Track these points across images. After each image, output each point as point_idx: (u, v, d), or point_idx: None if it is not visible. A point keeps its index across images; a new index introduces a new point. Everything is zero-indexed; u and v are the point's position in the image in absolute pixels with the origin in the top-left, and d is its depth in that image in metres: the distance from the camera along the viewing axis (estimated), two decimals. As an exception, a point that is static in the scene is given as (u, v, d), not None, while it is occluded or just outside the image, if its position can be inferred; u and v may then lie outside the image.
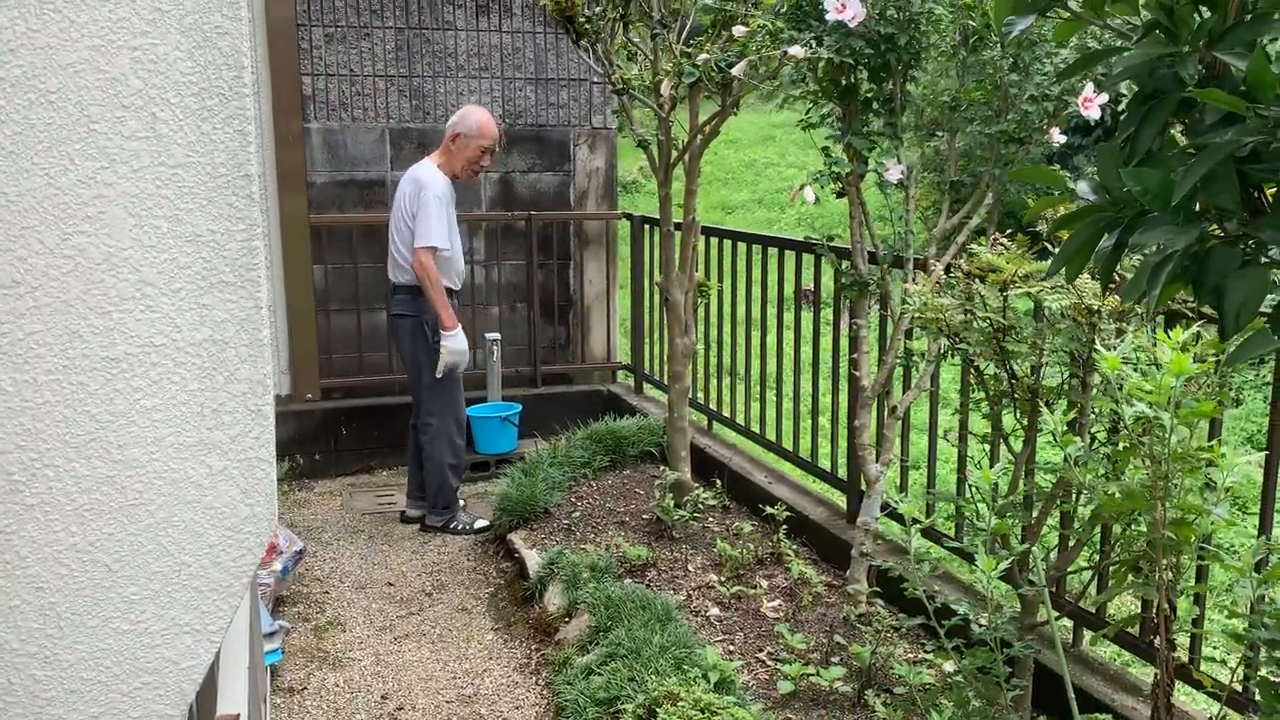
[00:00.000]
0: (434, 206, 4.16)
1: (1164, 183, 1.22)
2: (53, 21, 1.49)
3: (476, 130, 4.27)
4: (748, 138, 14.72)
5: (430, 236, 4.16)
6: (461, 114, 4.34)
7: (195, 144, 1.58)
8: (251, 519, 1.74)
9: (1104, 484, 1.95)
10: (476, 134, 4.27)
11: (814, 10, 3.04)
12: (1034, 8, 1.41)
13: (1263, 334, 1.16)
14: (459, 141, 4.28)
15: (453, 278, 4.36)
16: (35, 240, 1.54)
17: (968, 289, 2.46)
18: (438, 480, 4.40)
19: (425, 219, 4.16)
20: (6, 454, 1.58)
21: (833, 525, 3.74)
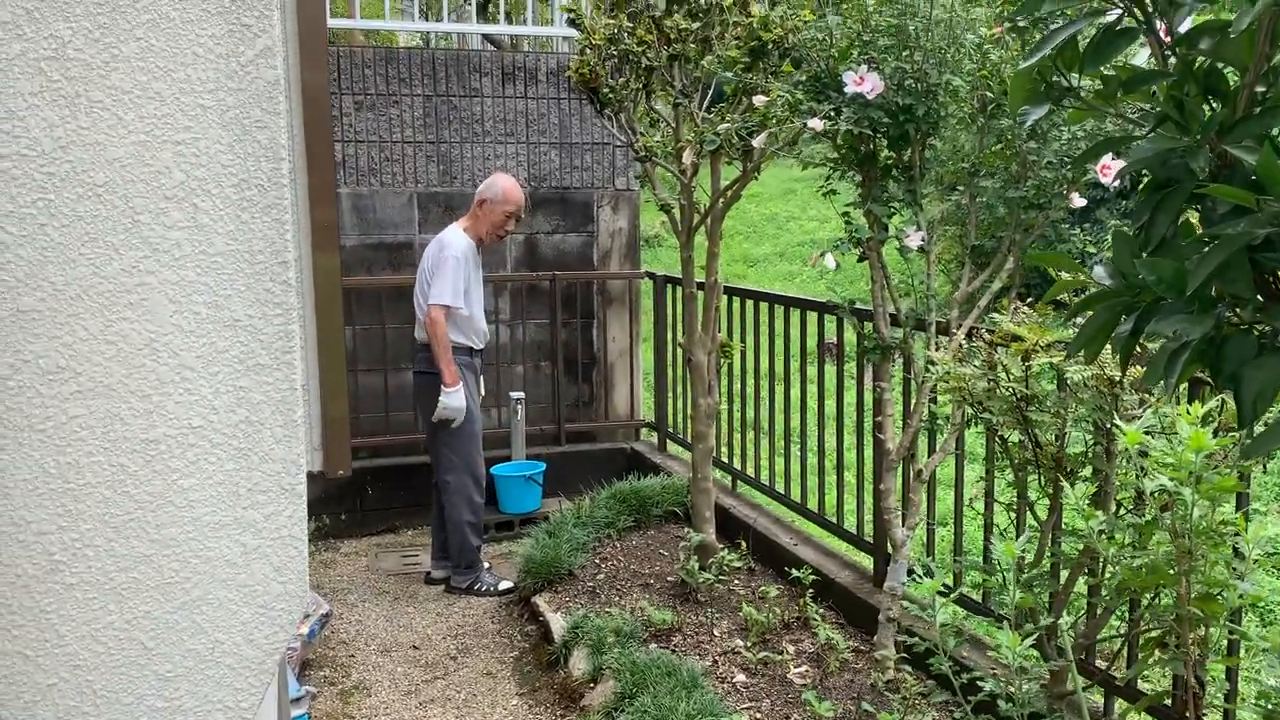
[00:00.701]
0: (450, 266, 4.28)
1: (1178, 272, 1.24)
2: (102, 119, 1.56)
3: (501, 196, 4.40)
4: (769, 191, 14.83)
5: (443, 295, 4.27)
6: (489, 181, 4.48)
7: (235, 233, 1.64)
8: (284, 596, 1.77)
9: (1129, 557, 1.94)
10: (501, 200, 4.40)
11: (833, 82, 3.10)
12: (1048, 98, 1.45)
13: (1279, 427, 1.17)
14: (485, 207, 4.41)
15: (472, 337, 4.45)
16: (80, 327, 1.59)
17: (990, 358, 2.47)
18: (459, 540, 4.43)
19: (441, 278, 4.28)
20: (48, 534, 1.63)
21: (859, 589, 3.72)
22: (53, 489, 1.58)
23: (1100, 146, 1.50)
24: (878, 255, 3.32)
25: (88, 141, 1.53)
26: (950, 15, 3.04)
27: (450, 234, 4.43)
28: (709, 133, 3.63)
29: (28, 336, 1.51)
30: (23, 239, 1.50)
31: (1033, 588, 2.36)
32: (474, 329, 4.45)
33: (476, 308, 4.45)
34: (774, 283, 11.86)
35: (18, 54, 1.45)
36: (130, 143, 1.55)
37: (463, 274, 4.33)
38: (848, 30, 3.13)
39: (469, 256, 4.39)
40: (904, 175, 3.24)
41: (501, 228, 4.46)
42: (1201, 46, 1.30)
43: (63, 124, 1.52)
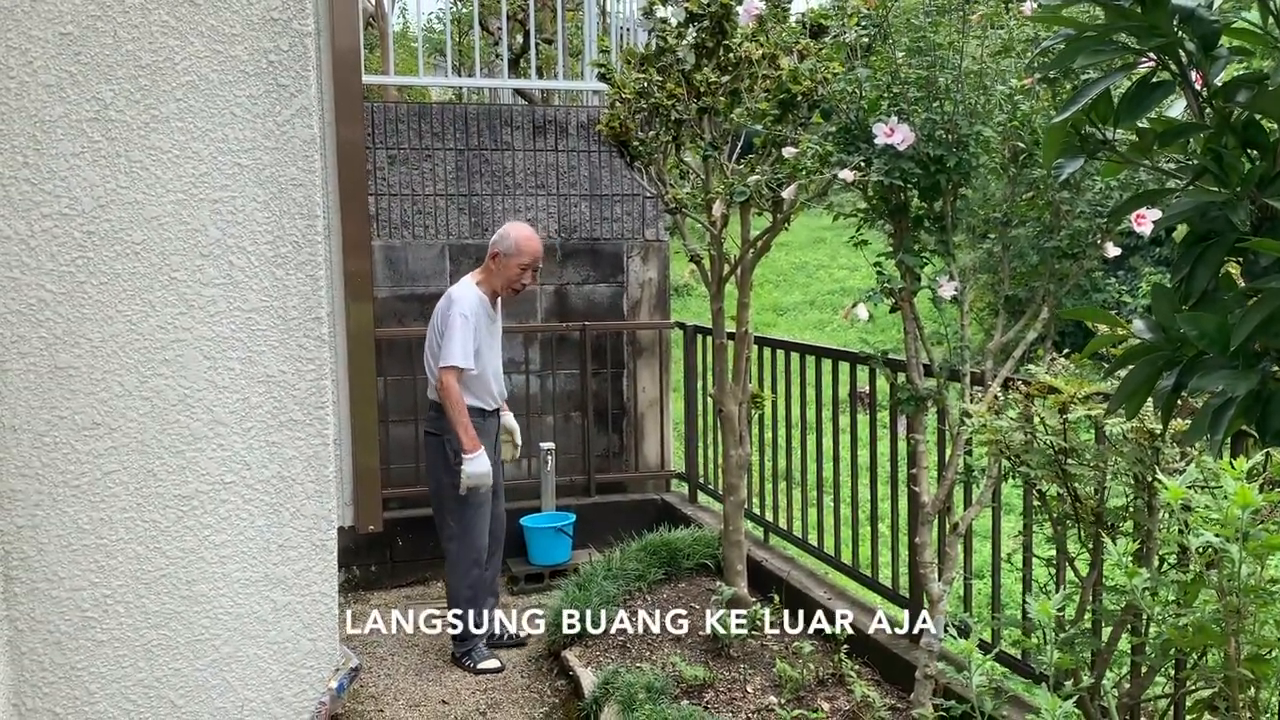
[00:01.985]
0: (459, 325, 4.04)
1: (1221, 327, 1.22)
2: (140, 179, 1.58)
3: (515, 249, 4.15)
4: (798, 240, 14.86)
5: (452, 356, 4.03)
6: (501, 232, 4.22)
7: (269, 289, 1.66)
8: (314, 654, 1.76)
9: (1174, 615, 1.89)
10: (515, 252, 4.15)
11: (863, 133, 3.11)
12: (1083, 151, 1.44)
13: (1331, 485, 1.14)
14: (498, 261, 4.17)
15: (484, 398, 4.21)
16: (116, 383, 1.61)
17: (1026, 409, 2.44)
18: (455, 609, 4.21)
19: (449, 338, 4.04)
20: (80, 590, 1.63)
21: (895, 644, 3.65)
22: (86, 544, 1.58)
23: (1135, 200, 1.49)
24: (910, 305, 3.30)
25: (127, 200, 1.56)
26: (980, 66, 3.04)
27: (461, 288, 4.17)
28: (739, 184, 3.64)
29: (65, 393, 1.53)
30: (62, 296, 1.52)
31: (1074, 645, 2.30)
32: (486, 389, 4.21)
33: (489, 367, 4.21)
34: (804, 331, 11.84)
35: (60, 116, 1.48)
36: (169, 201, 1.58)
37: (472, 332, 4.08)
38: (877, 82, 3.14)
39: (480, 312, 4.14)
40: (935, 225, 3.23)
41: (517, 282, 4.19)
42: (1238, 99, 1.29)
43: (103, 184, 1.55)
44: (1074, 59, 1.35)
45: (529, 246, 4.18)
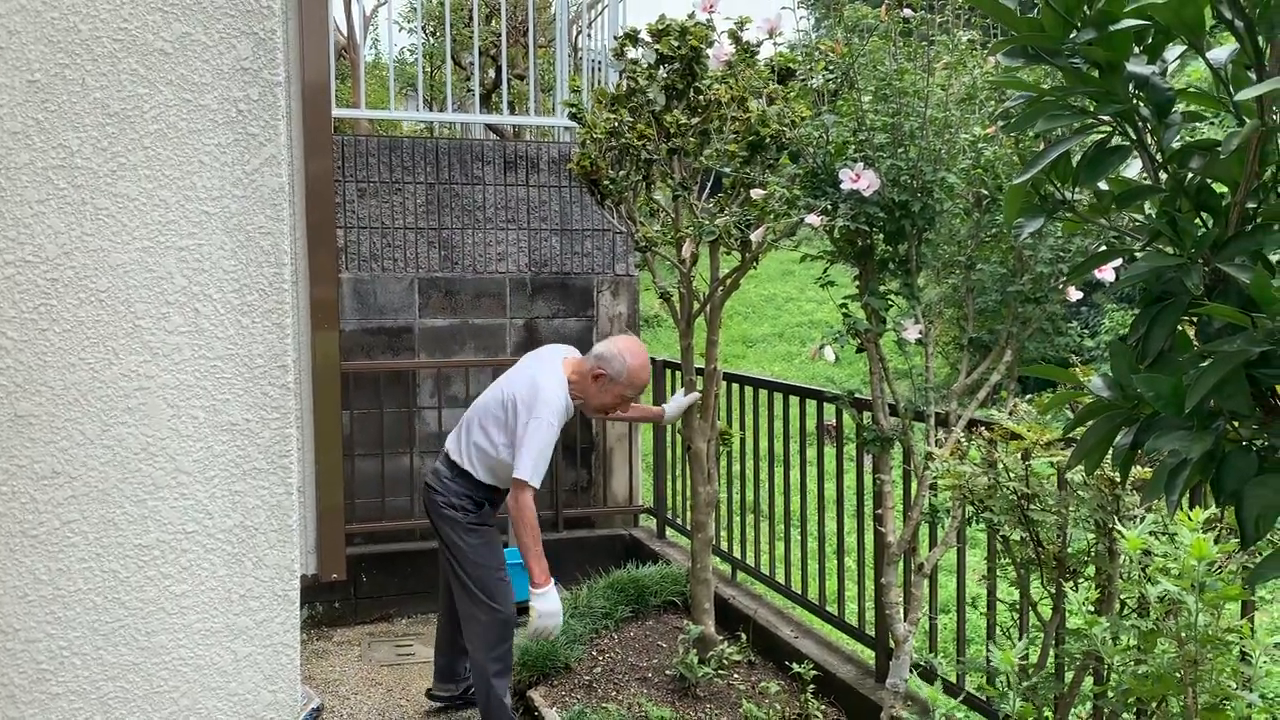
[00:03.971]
0: (545, 435, 3.49)
1: (1176, 389, 1.24)
2: (106, 226, 1.57)
3: (626, 377, 3.64)
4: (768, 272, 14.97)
5: (533, 472, 3.47)
6: (612, 350, 3.66)
7: (235, 337, 1.65)
8: (274, 705, 1.73)
9: (1133, 662, 1.91)
10: (625, 381, 3.65)
11: (829, 178, 3.15)
12: (1043, 210, 1.47)
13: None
14: (601, 382, 3.64)
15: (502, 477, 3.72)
16: (77, 431, 1.59)
17: (990, 455, 2.46)
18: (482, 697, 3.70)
19: (531, 445, 3.47)
20: (36, 642, 1.60)
21: (861, 685, 3.66)
22: (43, 595, 1.56)
23: (1094, 259, 1.52)
24: (875, 346, 3.33)
25: (92, 248, 1.55)
26: (945, 113, 3.10)
27: (553, 384, 3.59)
28: (708, 225, 3.68)
29: (24, 441, 1.51)
30: (23, 344, 1.50)
31: (1037, 690, 2.32)
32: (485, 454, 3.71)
33: None
34: (773, 363, 11.90)
35: (25, 163, 1.48)
36: (134, 249, 1.57)
37: (554, 441, 3.56)
38: (843, 127, 3.18)
39: (564, 419, 3.64)
40: (900, 268, 3.27)
41: (612, 409, 3.78)
42: (1192, 165, 1.32)
43: (68, 230, 1.54)
44: (1035, 122, 1.38)
45: (640, 379, 3.70)
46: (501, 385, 3.73)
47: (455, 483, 3.70)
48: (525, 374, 3.69)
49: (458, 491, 3.69)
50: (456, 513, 3.70)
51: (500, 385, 3.74)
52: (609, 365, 3.63)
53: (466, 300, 5.57)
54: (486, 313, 5.61)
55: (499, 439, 3.64)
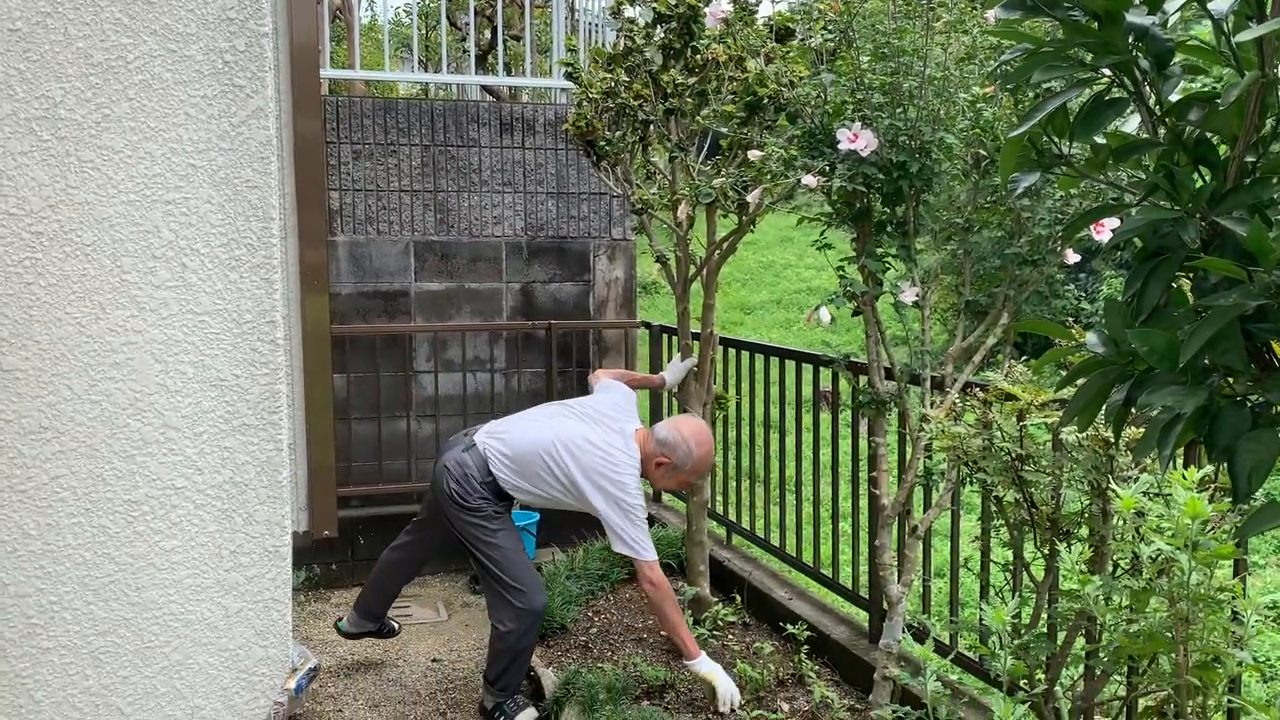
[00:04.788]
0: (640, 518, 3.44)
1: (1170, 344, 1.23)
2: (91, 179, 1.55)
3: (690, 468, 3.56)
4: (766, 239, 14.92)
5: (649, 550, 3.41)
6: (679, 436, 3.53)
7: (223, 292, 1.63)
8: (265, 660, 1.74)
9: (1125, 621, 1.92)
10: (689, 471, 3.58)
11: (827, 138, 3.12)
12: (1039, 165, 1.45)
13: (1274, 506, 1.15)
14: (664, 469, 3.53)
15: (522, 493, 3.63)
16: (64, 387, 1.58)
17: (984, 416, 2.46)
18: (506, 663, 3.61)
19: (636, 528, 3.41)
20: (26, 597, 1.60)
21: (855, 645, 3.67)
22: (32, 550, 1.56)
23: (1091, 214, 1.50)
24: (872, 309, 3.32)
25: (77, 201, 1.53)
26: (944, 73, 3.06)
27: (626, 465, 3.46)
28: (704, 186, 3.65)
29: (10, 396, 1.50)
30: (9, 298, 1.49)
31: (1029, 650, 2.33)
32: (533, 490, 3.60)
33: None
34: (770, 330, 11.88)
35: (8, 114, 1.45)
36: (120, 202, 1.55)
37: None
38: (841, 87, 3.15)
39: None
40: (898, 230, 3.25)
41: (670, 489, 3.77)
42: (1191, 117, 1.30)
43: (52, 183, 1.52)
44: (1032, 73, 1.36)
45: (704, 466, 3.66)
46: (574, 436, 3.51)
47: (484, 486, 3.55)
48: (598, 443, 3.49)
49: (482, 494, 3.56)
50: (480, 508, 3.56)
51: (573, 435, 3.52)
52: (674, 454, 3.51)
53: (462, 264, 5.54)
54: (482, 277, 5.58)
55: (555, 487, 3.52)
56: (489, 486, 3.56)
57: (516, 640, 3.56)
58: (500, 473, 3.56)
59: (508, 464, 3.55)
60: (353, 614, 4.08)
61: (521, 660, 3.63)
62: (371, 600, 4.06)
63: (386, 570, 4.02)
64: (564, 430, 3.54)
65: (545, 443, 3.51)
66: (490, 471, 3.56)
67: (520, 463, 3.54)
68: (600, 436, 3.53)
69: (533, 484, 3.55)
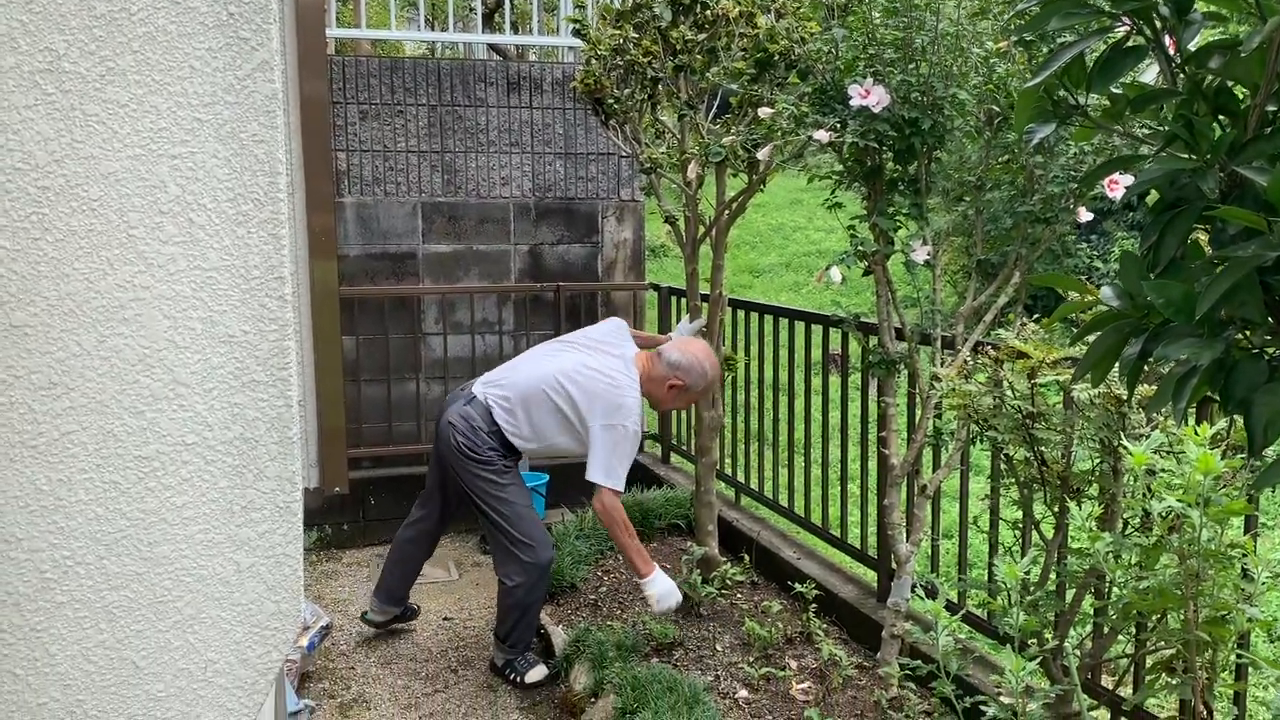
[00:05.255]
0: (631, 445, 3.54)
1: (1187, 295, 1.22)
2: (96, 133, 1.54)
3: (703, 388, 3.69)
4: (775, 201, 14.82)
5: (620, 478, 3.52)
6: (694, 360, 3.61)
7: (230, 248, 1.62)
8: (278, 615, 1.75)
9: (1135, 578, 1.92)
10: (701, 391, 3.70)
11: (838, 95, 3.08)
12: (1055, 116, 1.43)
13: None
14: (677, 391, 3.63)
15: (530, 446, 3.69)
16: (74, 343, 1.57)
17: (995, 374, 2.45)
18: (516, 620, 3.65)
19: (614, 452, 3.49)
20: (39, 552, 1.61)
21: (863, 604, 3.69)
22: (44, 505, 1.56)
23: (1108, 165, 1.48)
24: (883, 269, 3.30)
25: (82, 155, 1.52)
26: (957, 28, 3.02)
27: (633, 388, 3.53)
28: (714, 145, 3.62)
29: (20, 352, 1.50)
30: (16, 253, 1.48)
31: (1038, 607, 2.33)
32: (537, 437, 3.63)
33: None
34: (780, 293, 11.84)
35: (11, 66, 1.44)
36: (126, 156, 1.54)
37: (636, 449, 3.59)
38: (853, 42, 3.11)
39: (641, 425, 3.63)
40: (910, 189, 3.22)
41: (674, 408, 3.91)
42: (1211, 65, 1.28)
43: (57, 137, 1.50)
44: (1049, 21, 1.34)
45: (714, 386, 3.78)
46: (572, 367, 3.55)
47: (491, 437, 3.58)
48: (600, 370, 3.53)
49: (491, 444, 3.59)
50: (490, 461, 3.59)
51: (570, 367, 3.55)
52: (688, 375, 3.58)
53: (470, 225, 5.52)
54: (490, 238, 5.56)
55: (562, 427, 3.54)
56: (496, 437, 3.57)
57: (524, 595, 3.59)
58: (504, 422, 3.56)
59: (510, 410, 3.56)
60: (374, 601, 4.09)
61: (530, 616, 3.66)
62: (392, 582, 4.04)
63: (403, 549, 4.02)
64: (563, 362, 3.58)
65: (547, 377, 3.54)
66: (495, 421, 3.57)
67: (524, 405, 3.55)
68: (599, 361, 3.57)
69: (536, 428, 3.56)
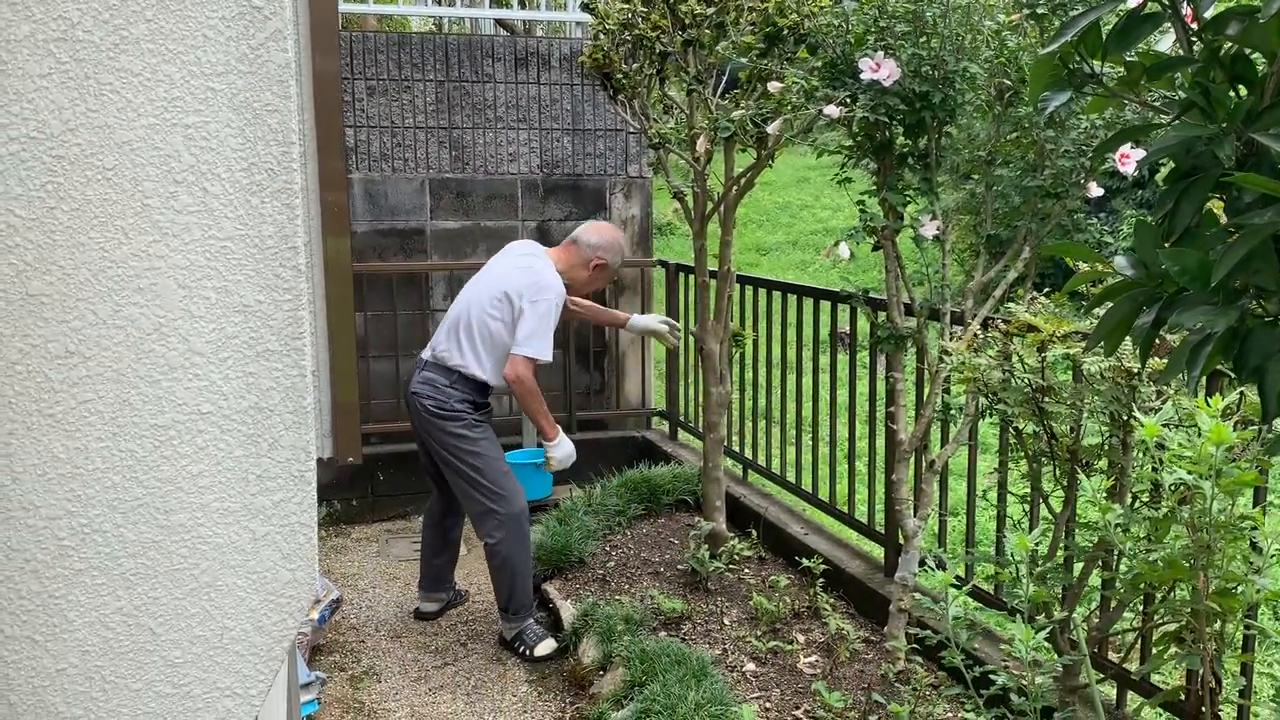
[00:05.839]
0: (549, 319, 3.69)
1: (1202, 264, 1.22)
2: (111, 102, 1.54)
3: (618, 265, 3.95)
4: (782, 179, 14.77)
5: (542, 350, 3.66)
6: (607, 240, 3.90)
7: (244, 217, 1.63)
8: (293, 583, 1.76)
9: (1144, 550, 1.92)
10: (616, 269, 3.96)
11: (848, 68, 3.07)
12: (1069, 84, 1.42)
13: (1305, 421, 1.15)
14: (599, 269, 3.89)
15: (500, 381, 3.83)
16: (89, 311, 1.58)
17: (1005, 348, 2.45)
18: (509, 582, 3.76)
19: (540, 325, 3.65)
20: (57, 519, 1.62)
21: (870, 579, 3.71)
22: (61, 474, 1.57)
23: (1122, 135, 1.47)
24: (892, 244, 3.29)
25: (97, 124, 1.52)
26: (968, 2, 3.00)
27: (550, 273, 3.76)
28: (723, 119, 3.60)
29: (37, 321, 1.50)
30: (31, 222, 1.49)
31: (1046, 580, 2.34)
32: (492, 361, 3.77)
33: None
34: (787, 271, 11.82)
35: (26, 35, 1.44)
36: (140, 125, 1.54)
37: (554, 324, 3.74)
38: (864, 16, 3.09)
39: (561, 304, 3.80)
40: (920, 163, 3.21)
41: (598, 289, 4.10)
42: (1228, 32, 1.27)
43: (71, 106, 1.51)
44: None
45: (621, 257, 3.98)
46: (487, 285, 3.79)
47: (455, 388, 3.74)
48: (511, 268, 3.80)
49: (458, 396, 3.73)
50: (460, 415, 3.73)
51: (485, 285, 3.79)
52: (608, 254, 3.88)
53: (478, 202, 5.52)
54: (498, 215, 5.56)
55: (504, 334, 3.72)
56: (460, 386, 3.73)
57: (508, 550, 3.70)
58: (459, 364, 3.73)
59: (461, 350, 3.74)
60: (421, 593, 4.13)
61: (522, 576, 3.77)
62: (431, 570, 4.10)
63: (433, 531, 4.09)
64: (485, 284, 3.80)
65: (477, 300, 3.76)
66: (452, 369, 3.74)
67: (469, 338, 3.74)
68: (516, 263, 3.83)
69: (490, 350, 3.73)
